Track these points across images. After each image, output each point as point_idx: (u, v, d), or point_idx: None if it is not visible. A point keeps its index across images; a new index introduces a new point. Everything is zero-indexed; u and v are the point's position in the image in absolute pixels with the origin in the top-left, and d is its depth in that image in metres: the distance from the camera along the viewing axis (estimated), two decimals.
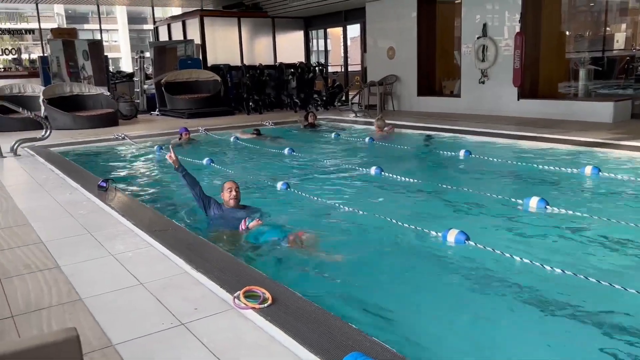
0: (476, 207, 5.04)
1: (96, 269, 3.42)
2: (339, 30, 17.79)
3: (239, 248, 4.06)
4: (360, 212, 4.82)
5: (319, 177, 6.56)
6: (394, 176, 6.26)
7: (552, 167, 6.37)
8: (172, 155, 4.63)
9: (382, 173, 6.41)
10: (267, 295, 2.82)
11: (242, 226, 4.25)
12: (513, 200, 5.05)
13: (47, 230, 4.25)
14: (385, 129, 9.71)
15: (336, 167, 7.11)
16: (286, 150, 8.02)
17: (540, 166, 6.52)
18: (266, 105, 14.29)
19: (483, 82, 11.60)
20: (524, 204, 4.90)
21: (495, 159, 7.05)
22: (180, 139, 9.21)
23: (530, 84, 11.19)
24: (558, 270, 3.39)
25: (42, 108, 11.36)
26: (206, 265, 3.33)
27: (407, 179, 6.15)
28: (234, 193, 4.59)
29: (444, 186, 5.72)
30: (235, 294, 2.85)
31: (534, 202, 4.83)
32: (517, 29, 10.80)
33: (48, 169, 6.88)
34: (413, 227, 4.31)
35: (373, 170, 6.52)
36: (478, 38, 11.47)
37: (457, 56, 12.91)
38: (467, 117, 11.00)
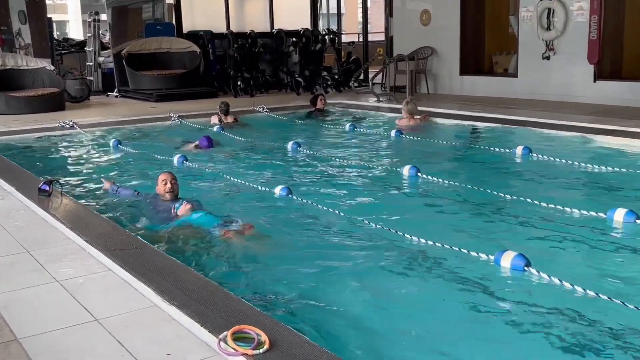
0: (539, 222, 5.03)
1: (37, 300, 3.41)
2: None
3: (170, 241, 4.59)
4: (384, 228, 4.83)
5: (330, 181, 6.56)
6: (431, 179, 6.25)
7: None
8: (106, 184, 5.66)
9: (419, 175, 6.42)
10: (263, 337, 2.80)
11: (172, 212, 4.86)
12: (591, 213, 5.03)
13: None
14: (417, 116, 9.70)
15: (353, 168, 7.11)
16: (290, 145, 8.03)
17: (625, 169, 6.48)
18: (259, 85, 14.33)
19: (548, 58, 11.57)
20: (607, 217, 4.88)
21: (563, 160, 7.01)
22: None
23: (612, 61, 11.16)
24: None
25: None
26: (181, 296, 3.32)
27: (445, 184, 6.15)
28: (169, 186, 5.17)
29: (495, 194, 5.71)
30: (220, 335, 2.83)
31: (619, 215, 4.81)
32: None
33: None
34: (456, 248, 4.30)
35: (406, 170, 6.55)
36: None
37: (514, 23, 12.88)
38: (526, 104, 10.97)
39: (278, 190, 5.81)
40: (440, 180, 6.26)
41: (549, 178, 6.50)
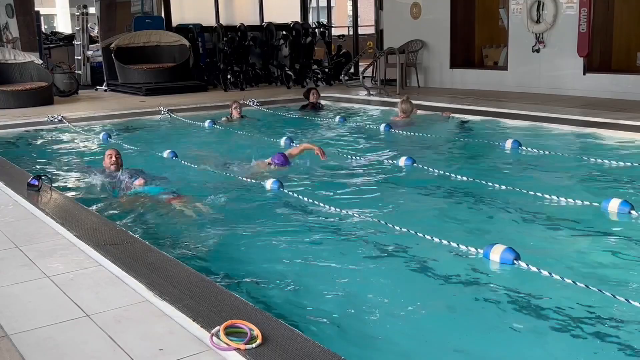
0: (531, 214, 5.06)
1: (27, 296, 3.40)
2: None
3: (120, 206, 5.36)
4: (373, 220, 4.84)
5: (323, 176, 6.55)
6: (422, 171, 6.28)
7: (632, 163, 6.37)
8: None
9: (415, 165, 6.49)
10: (256, 331, 2.80)
11: (124, 184, 5.75)
12: (585, 203, 5.06)
13: None
14: (413, 114, 9.62)
15: (345, 162, 7.10)
16: (283, 141, 7.99)
17: (615, 161, 6.52)
18: (249, 78, 14.29)
19: (538, 51, 11.60)
20: (601, 208, 4.91)
21: (553, 152, 7.04)
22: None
23: (601, 54, 11.20)
24: None
25: None
26: (173, 291, 3.32)
27: (435, 177, 6.17)
28: (113, 159, 6.14)
29: (485, 187, 5.73)
30: (213, 330, 2.83)
31: (614, 206, 4.84)
32: None
33: None
34: (446, 242, 4.31)
35: (403, 161, 6.59)
36: None
37: (503, 16, 12.90)
38: (516, 97, 11.00)
39: (269, 183, 5.80)
40: (430, 172, 6.27)
41: (539, 170, 6.53)
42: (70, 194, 5.68)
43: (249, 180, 6.10)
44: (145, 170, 6.34)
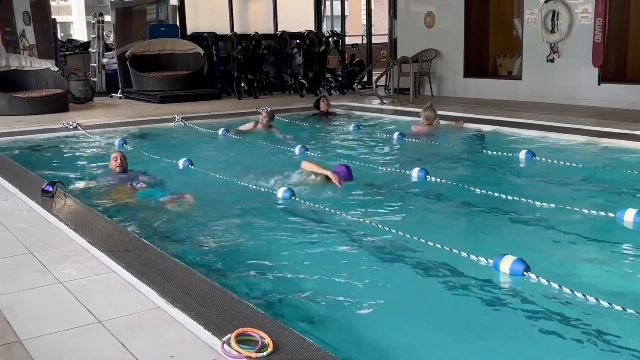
0: (542, 225, 5.03)
1: (40, 302, 3.41)
2: None
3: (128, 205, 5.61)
4: (385, 229, 4.82)
5: (334, 184, 6.53)
6: (434, 181, 6.25)
7: None
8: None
9: (427, 175, 6.45)
10: (267, 340, 2.79)
11: (130, 184, 6.00)
12: (600, 213, 5.03)
13: None
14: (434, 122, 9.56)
15: (357, 171, 7.07)
16: (297, 149, 7.98)
17: (631, 171, 6.48)
18: (263, 87, 14.34)
19: (552, 61, 11.56)
20: (617, 218, 4.88)
21: (568, 163, 6.99)
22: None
23: (616, 64, 11.15)
24: None
25: None
26: (185, 298, 3.32)
27: (448, 186, 6.15)
28: (118, 161, 6.38)
29: (498, 197, 5.70)
30: (224, 338, 2.83)
31: (630, 216, 4.80)
32: None
33: None
34: (456, 251, 4.29)
35: (415, 171, 6.55)
36: (546, 1, 11.46)
37: (518, 25, 12.88)
38: (529, 106, 10.96)
39: (281, 192, 5.79)
40: (442, 182, 6.25)
41: (553, 181, 6.48)
42: (83, 200, 5.70)
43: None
44: (155, 174, 6.51)
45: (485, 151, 8.17)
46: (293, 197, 5.70)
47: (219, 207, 5.69)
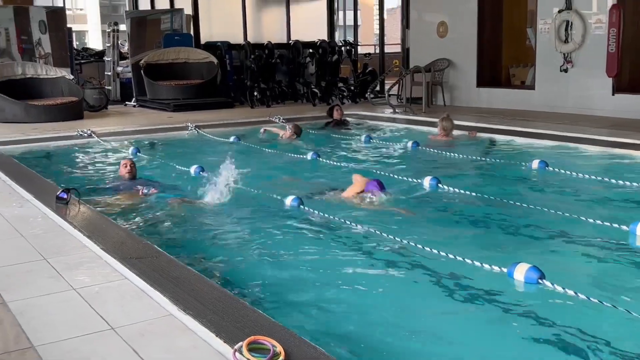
0: (555, 235, 4.99)
1: (53, 308, 3.42)
2: None
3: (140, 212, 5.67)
4: (396, 239, 4.80)
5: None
6: (448, 190, 6.25)
7: None
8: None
9: (439, 184, 6.43)
10: (279, 348, 2.79)
11: (141, 192, 6.13)
12: (614, 225, 4.99)
13: None
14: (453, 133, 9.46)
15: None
16: (309, 156, 8.00)
17: None
18: (276, 95, 14.37)
19: (566, 71, 11.51)
20: (630, 231, 4.84)
21: (581, 173, 6.96)
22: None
23: (630, 74, 11.09)
24: None
25: None
26: (197, 305, 3.32)
27: (461, 196, 6.13)
28: (128, 168, 6.57)
29: (511, 206, 5.68)
30: (236, 346, 2.82)
31: None
32: (613, 0, 10.71)
33: None
34: (469, 260, 4.27)
35: (427, 180, 6.54)
36: (560, 11, 11.42)
37: (531, 35, 12.84)
38: (543, 116, 10.91)
39: (289, 201, 5.78)
40: (455, 191, 6.23)
41: (566, 191, 6.46)
42: (97, 207, 5.74)
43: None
44: (164, 181, 6.67)
45: (498, 160, 8.14)
46: (301, 206, 5.69)
47: (230, 214, 5.70)
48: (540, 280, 3.86)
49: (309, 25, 17.34)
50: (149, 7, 17.79)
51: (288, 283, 4.15)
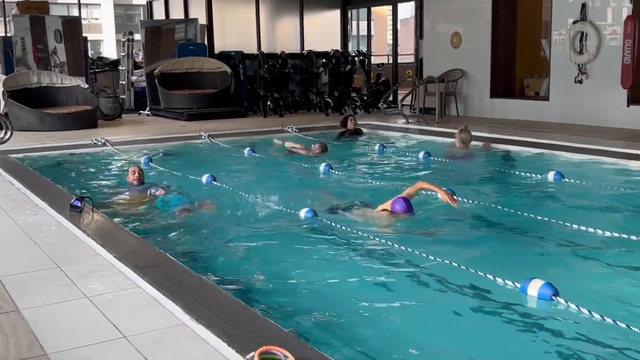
0: (570, 248, 4.95)
1: (66, 316, 3.44)
2: (386, 9, 17.96)
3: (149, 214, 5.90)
4: (409, 250, 4.78)
5: (359, 203, 6.52)
6: (461, 201, 6.20)
7: None
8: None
9: (454, 195, 6.36)
10: (291, 358, 2.78)
11: (149, 192, 6.34)
12: (631, 237, 4.93)
13: (3, 263, 4.31)
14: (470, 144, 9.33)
15: (383, 191, 7.06)
16: (322, 167, 7.98)
17: None
18: (289, 105, 14.41)
19: (580, 82, 11.46)
20: None
21: (596, 184, 6.91)
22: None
23: None
24: None
25: (2, 103, 11.68)
26: (210, 315, 3.32)
27: (475, 207, 6.10)
28: (136, 175, 6.75)
29: (526, 219, 5.63)
30: (248, 356, 2.82)
31: None
32: (628, 11, 10.66)
33: (6, 182, 7.04)
34: (482, 273, 4.24)
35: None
36: (574, 22, 11.37)
37: (545, 46, 12.80)
38: (557, 128, 10.86)
39: (303, 213, 5.77)
40: (469, 203, 6.20)
41: (582, 203, 6.40)
42: (111, 215, 5.76)
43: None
44: (171, 184, 6.99)
45: (512, 172, 8.10)
46: (315, 217, 5.68)
47: (243, 224, 5.70)
48: (554, 297, 3.82)
49: (323, 36, 17.42)
50: (163, 17, 17.95)
51: (301, 293, 4.15)
